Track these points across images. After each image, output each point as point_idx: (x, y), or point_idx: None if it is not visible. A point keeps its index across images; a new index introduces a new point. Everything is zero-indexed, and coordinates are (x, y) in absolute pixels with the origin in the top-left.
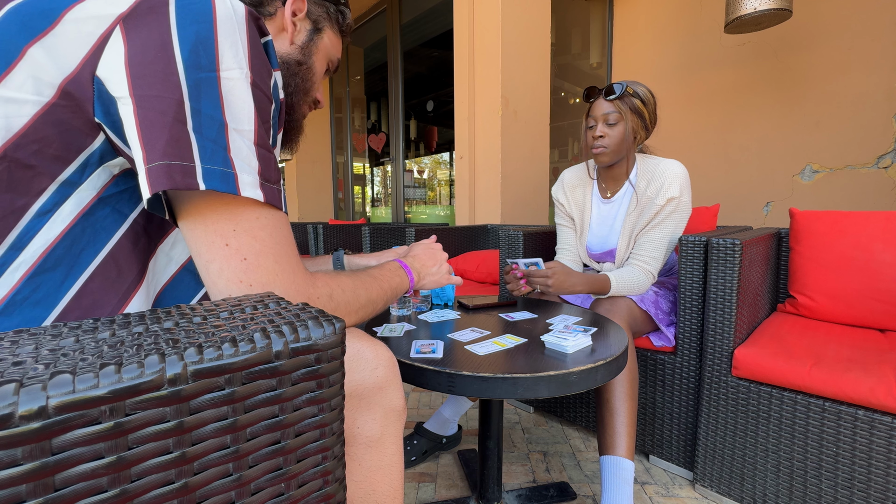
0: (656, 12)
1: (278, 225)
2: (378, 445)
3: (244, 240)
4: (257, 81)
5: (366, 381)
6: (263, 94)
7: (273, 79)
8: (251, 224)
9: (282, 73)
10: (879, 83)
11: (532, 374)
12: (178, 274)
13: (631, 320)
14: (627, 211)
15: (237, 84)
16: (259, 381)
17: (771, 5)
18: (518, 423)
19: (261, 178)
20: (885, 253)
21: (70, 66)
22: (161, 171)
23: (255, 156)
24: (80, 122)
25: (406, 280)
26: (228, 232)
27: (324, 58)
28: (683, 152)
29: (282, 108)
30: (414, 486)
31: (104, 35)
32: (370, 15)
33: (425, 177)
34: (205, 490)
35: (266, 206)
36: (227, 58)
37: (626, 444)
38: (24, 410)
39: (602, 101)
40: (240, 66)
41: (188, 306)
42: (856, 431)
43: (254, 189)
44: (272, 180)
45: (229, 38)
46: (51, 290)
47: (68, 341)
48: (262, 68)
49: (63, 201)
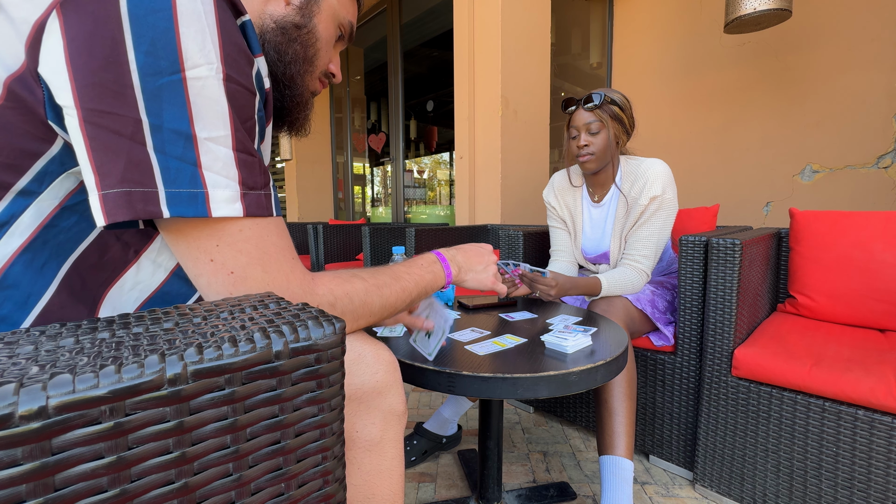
0: (656, 12)
1: (265, 233)
2: (378, 449)
3: (228, 254)
4: (233, 75)
5: (366, 384)
6: (242, 88)
7: (255, 67)
8: (234, 238)
9: (279, 40)
10: (879, 83)
11: (532, 374)
12: (168, 280)
13: (628, 320)
14: (617, 213)
15: (207, 84)
16: (259, 381)
17: (771, 5)
18: (518, 423)
19: (243, 188)
20: (885, 253)
21: (12, 62)
22: (119, 199)
23: (234, 164)
24: (32, 125)
25: (441, 275)
26: (211, 248)
27: (330, 20)
28: (683, 152)
29: (268, 98)
30: (414, 486)
31: (39, 23)
32: (370, 15)
33: (425, 177)
34: (205, 490)
35: (249, 217)
36: (191, 53)
37: (626, 444)
38: (24, 410)
39: (582, 111)
40: (208, 60)
41: (188, 306)
42: (856, 431)
43: (230, 204)
44: (258, 186)
45: (193, 26)
46: (14, 309)
47: (68, 341)
48: (239, 57)
49: (21, 212)
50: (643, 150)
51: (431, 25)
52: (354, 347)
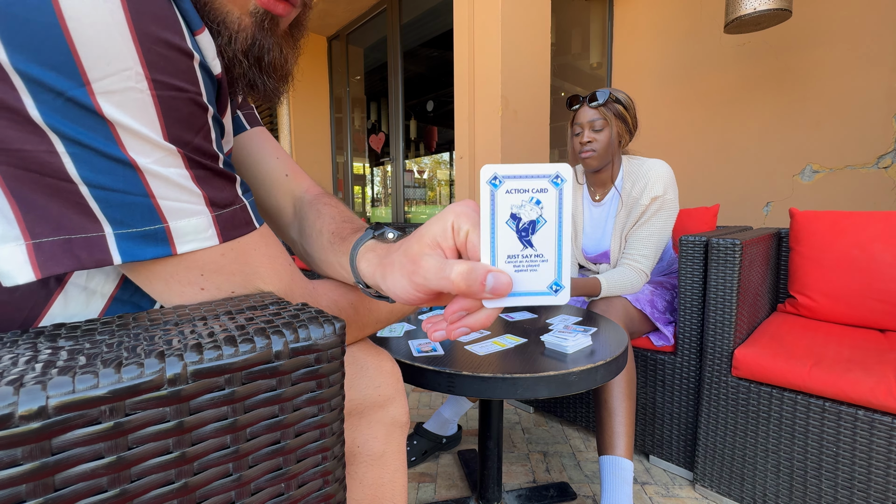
0: (656, 12)
1: (251, 249)
2: (380, 461)
3: (220, 279)
4: (161, 78)
5: (368, 398)
6: (177, 91)
7: (196, 56)
8: (218, 264)
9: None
10: (879, 83)
11: (532, 374)
12: (108, 308)
13: (627, 320)
14: (616, 213)
15: (129, 98)
16: (259, 381)
17: (771, 5)
18: (518, 423)
19: (213, 210)
20: (885, 253)
21: None
22: (57, 248)
23: (194, 184)
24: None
25: None
26: (196, 278)
27: None
28: (683, 152)
29: (221, 81)
30: (414, 487)
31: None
32: (370, 15)
33: (425, 177)
34: (205, 490)
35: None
36: (93, 60)
37: (625, 444)
38: (24, 410)
39: (586, 108)
40: (122, 65)
41: (188, 306)
42: (856, 431)
43: (201, 234)
44: (228, 201)
45: (88, 19)
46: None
47: (67, 342)
48: (165, 51)
49: None
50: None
51: (431, 25)
52: (356, 359)
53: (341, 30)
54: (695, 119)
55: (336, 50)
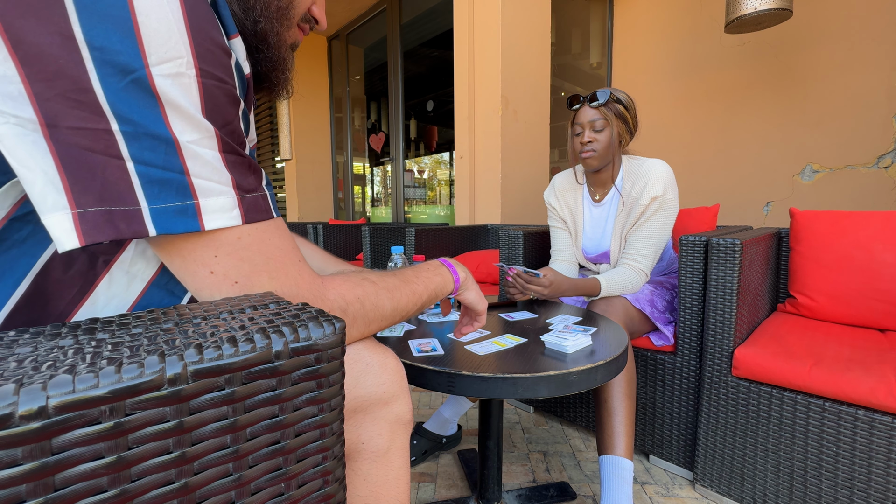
0: (656, 12)
1: (266, 237)
2: (385, 459)
3: (229, 263)
4: (207, 69)
5: (372, 395)
6: (219, 81)
7: (233, 56)
8: (233, 247)
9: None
10: (879, 83)
11: (532, 374)
12: (146, 292)
13: (627, 320)
14: (616, 213)
15: (179, 82)
16: (259, 381)
17: (771, 5)
18: (518, 423)
19: (239, 192)
20: (885, 253)
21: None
22: (98, 218)
23: (224, 167)
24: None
25: (450, 279)
26: (209, 259)
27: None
28: (683, 152)
29: (249, 84)
30: (414, 486)
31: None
32: (370, 15)
33: (425, 177)
34: (205, 490)
35: (249, 223)
36: (155, 48)
37: (625, 444)
38: (24, 410)
39: (587, 108)
40: (177, 54)
41: (188, 306)
42: (856, 431)
43: (226, 213)
44: (253, 187)
45: (154, 15)
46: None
47: (67, 341)
48: (212, 47)
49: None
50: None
51: (431, 25)
52: (361, 356)
53: (341, 30)
54: (695, 119)
55: (336, 50)
